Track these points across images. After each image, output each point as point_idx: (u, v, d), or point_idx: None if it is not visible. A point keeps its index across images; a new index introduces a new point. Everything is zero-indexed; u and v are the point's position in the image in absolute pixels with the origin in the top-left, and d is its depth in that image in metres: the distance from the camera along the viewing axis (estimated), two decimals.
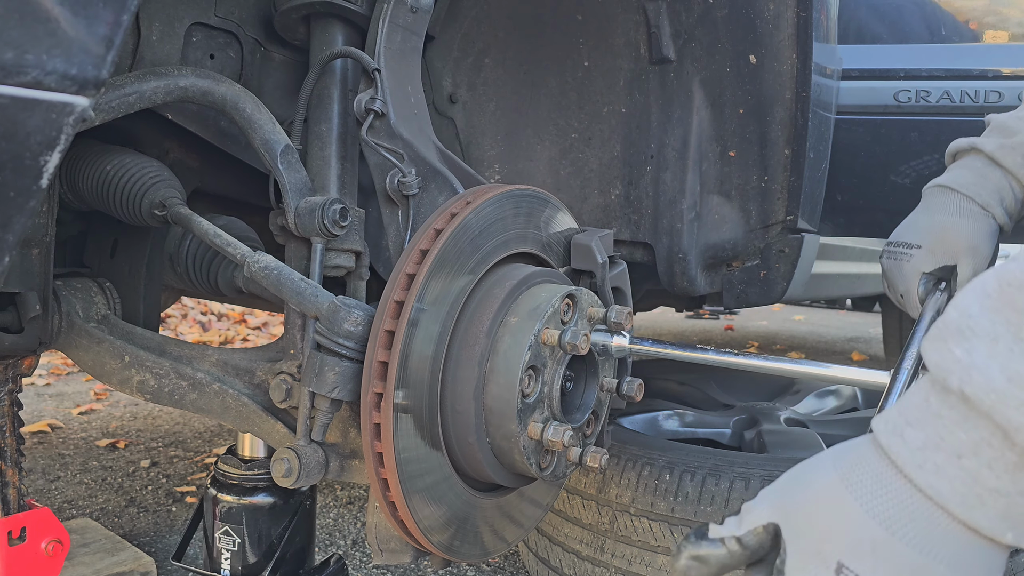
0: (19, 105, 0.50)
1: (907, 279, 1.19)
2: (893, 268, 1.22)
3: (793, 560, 0.60)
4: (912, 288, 1.18)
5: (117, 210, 1.09)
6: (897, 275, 1.21)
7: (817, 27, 1.33)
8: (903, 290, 1.20)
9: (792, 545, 0.60)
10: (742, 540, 0.64)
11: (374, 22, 1.08)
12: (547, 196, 1.10)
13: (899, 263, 1.21)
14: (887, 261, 1.24)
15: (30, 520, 1.10)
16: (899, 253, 1.21)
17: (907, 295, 1.19)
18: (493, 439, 0.96)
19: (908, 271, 1.19)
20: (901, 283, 1.20)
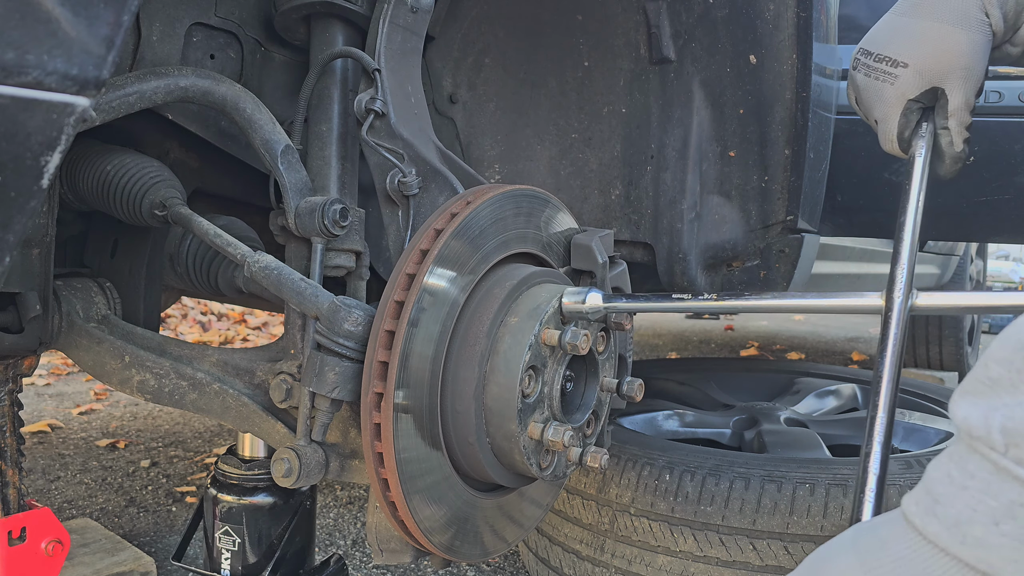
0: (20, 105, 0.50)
1: (888, 104, 1.01)
2: (871, 88, 1.03)
3: None
4: (893, 116, 1.01)
5: (117, 210, 1.09)
6: (875, 98, 1.03)
7: (817, 27, 1.33)
8: (879, 115, 1.03)
9: None
10: None
11: (374, 22, 1.08)
12: (547, 196, 1.10)
13: (880, 84, 1.02)
14: (863, 77, 1.05)
15: (30, 520, 1.10)
16: (880, 71, 1.02)
17: (884, 122, 1.03)
18: (493, 439, 0.96)
19: (890, 96, 1.01)
20: (879, 107, 1.03)
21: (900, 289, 0.92)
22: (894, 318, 0.91)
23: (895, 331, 0.91)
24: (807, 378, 2.37)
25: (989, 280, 9.29)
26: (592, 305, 0.98)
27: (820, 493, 1.30)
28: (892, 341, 0.91)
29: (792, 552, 1.28)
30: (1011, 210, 1.82)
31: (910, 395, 2.15)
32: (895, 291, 0.92)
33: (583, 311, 0.99)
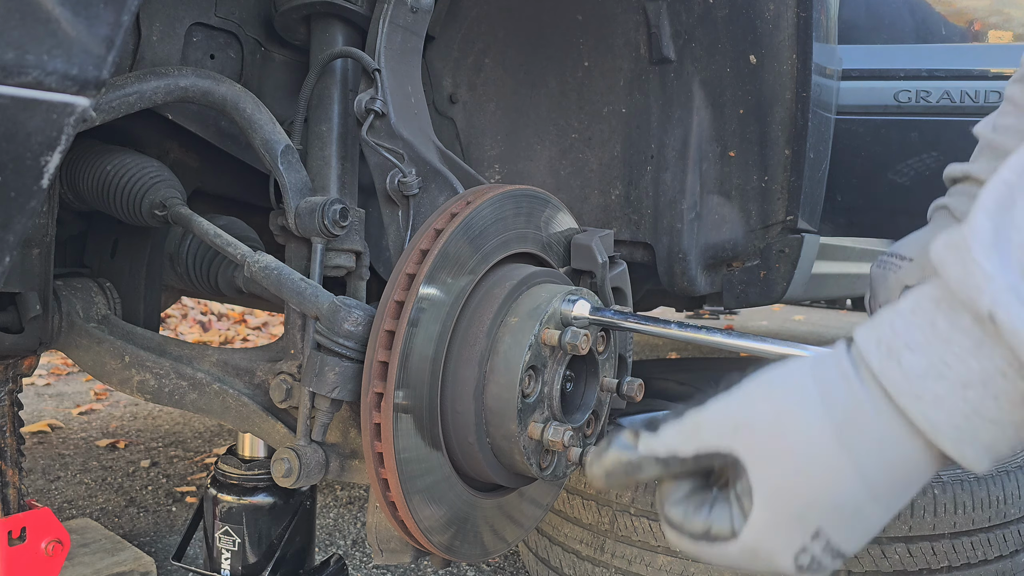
0: (20, 105, 0.50)
1: (890, 289, 1.14)
2: (879, 277, 1.18)
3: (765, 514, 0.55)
4: (893, 300, 1.12)
5: (117, 210, 1.09)
6: (881, 284, 1.17)
7: (817, 27, 1.33)
8: (883, 300, 1.16)
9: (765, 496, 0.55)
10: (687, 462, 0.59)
11: (374, 22, 1.08)
12: (547, 196, 1.10)
13: (886, 272, 1.17)
14: (876, 270, 1.20)
15: (30, 520, 1.10)
16: (889, 263, 1.17)
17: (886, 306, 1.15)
18: (493, 439, 0.96)
19: (893, 281, 1.14)
20: (883, 293, 1.16)
21: None
22: None
23: None
24: None
25: None
26: (578, 314, 0.99)
27: None
28: None
29: None
30: None
31: None
32: None
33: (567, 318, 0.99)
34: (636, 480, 0.61)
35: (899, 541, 1.29)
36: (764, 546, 0.56)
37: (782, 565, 0.56)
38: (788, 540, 0.55)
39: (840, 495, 0.54)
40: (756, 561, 0.56)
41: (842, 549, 0.56)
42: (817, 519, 0.54)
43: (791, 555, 0.55)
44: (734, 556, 0.57)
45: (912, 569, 1.29)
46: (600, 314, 0.99)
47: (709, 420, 0.59)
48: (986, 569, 1.35)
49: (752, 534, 0.56)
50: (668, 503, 0.60)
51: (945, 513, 1.31)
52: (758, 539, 0.56)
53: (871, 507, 0.54)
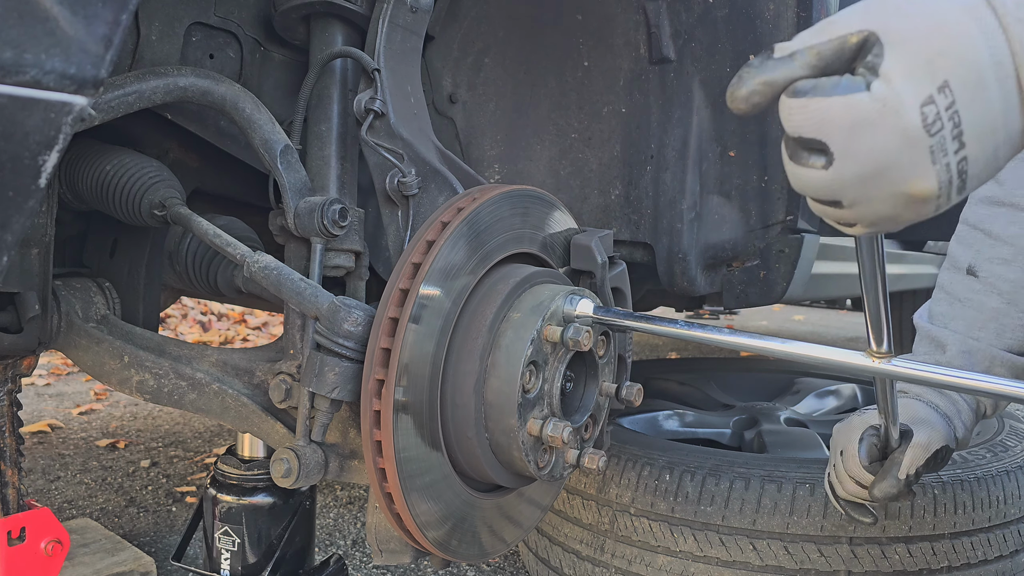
0: (18, 104, 0.50)
1: (852, 430, 1.10)
2: (841, 427, 1.15)
3: (896, 61, 0.56)
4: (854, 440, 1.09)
5: (117, 210, 1.09)
6: (843, 430, 1.13)
7: None
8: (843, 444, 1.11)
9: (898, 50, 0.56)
10: (820, 51, 0.58)
11: (374, 22, 1.08)
12: (547, 196, 1.10)
13: (849, 417, 1.14)
14: (838, 424, 1.17)
15: (30, 520, 1.10)
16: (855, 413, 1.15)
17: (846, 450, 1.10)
18: (492, 434, 0.96)
19: (856, 423, 1.11)
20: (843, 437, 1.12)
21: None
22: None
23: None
24: (807, 378, 2.37)
25: None
26: (582, 312, 0.99)
27: (820, 493, 1.30)
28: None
29: (792, 552, 1.28)
30: None
31: None
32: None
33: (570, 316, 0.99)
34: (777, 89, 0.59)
35: (899, 541, 1.29)
36: (895, 90, 0.55)
37: (909, 112, 0.55)
38: (918, 85, 0.55)
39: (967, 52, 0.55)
40: (885, 114, 0.56)
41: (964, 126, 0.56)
42: (945, 69, 0.55)
43: (918, 102, 0.55)
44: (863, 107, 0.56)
45: (912, 569, 1.29)
46: (603, 313, 0.99)
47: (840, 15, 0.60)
48: (986, 569, 1.35)
49: (884, 82, 0.56)
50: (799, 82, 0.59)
51: (945, 513, 1.31)
52: (888, 87, 0.55)
53: (993, 86, 0.56)
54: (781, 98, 0.59)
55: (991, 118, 0.57)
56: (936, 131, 0.55)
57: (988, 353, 1.12)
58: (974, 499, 1.34)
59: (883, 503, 1.09)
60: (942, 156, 0.56)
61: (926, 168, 0.56)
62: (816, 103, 0.57)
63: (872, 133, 0.56)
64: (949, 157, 0.56)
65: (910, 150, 0.56)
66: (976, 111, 0.56)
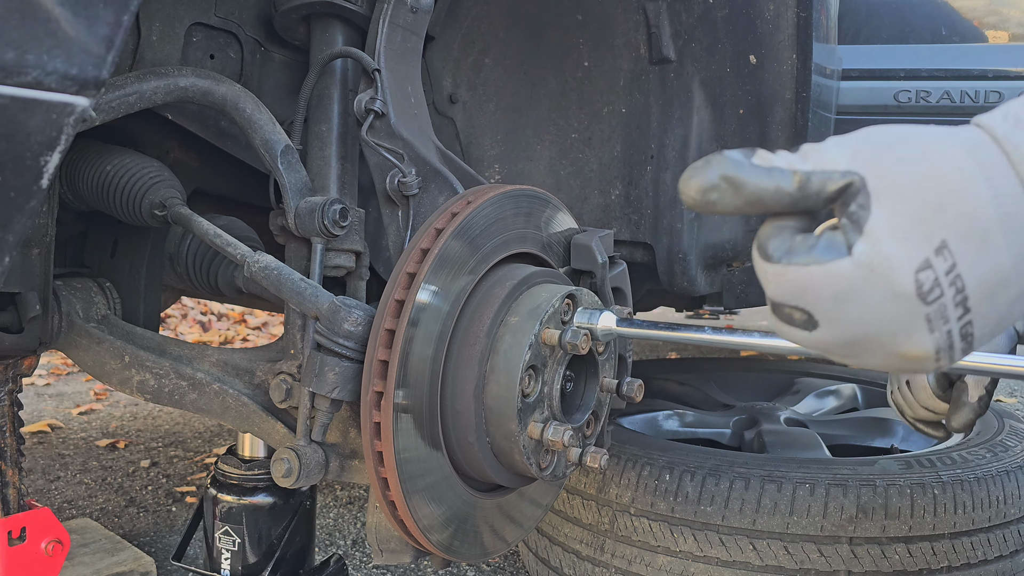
0: (19, 105, 0.50)
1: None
2: None
3: (886, 220, 0.49)
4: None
5: (117, 210, 1.09)
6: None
7: (817, 27, 1.33)
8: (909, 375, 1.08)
9: (886, 204, 0.49)
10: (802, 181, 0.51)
11: (374, 22, 1.08)
12: (547, 196, 1.10)
13: None
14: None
15: (30, 520, 1.10)
16: None
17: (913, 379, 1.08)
18: (493, 439, 0.96)
19: None
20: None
21: None
22: None
23: None
24: (807, 378, 2.37)
25: None
26: (605, 328, 0.98)
27: (820, 493, 1.30)
28: None
29: (792, 552, 1.28)
30: None
31: None
32: None
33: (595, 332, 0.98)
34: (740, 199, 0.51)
35: (899, 541, 1.29)
36: (883, 256, 0.48)
37: (901, 279, 0.48)
38: (910, 248, 0.48)
39: (968, 204, 0.49)
40: (873, 281, 0.49)
41: (968, 289, 0.49)
42: (943, 228, 0.49)
43: (912, 268, 0.48)
44: (847, 276, 0.49)
45: (912, 569, 1.29)
46: (626, 325, 0.97)
47: (828, 144, 0.53)
48: (986, 569, 1.35)
49: (869, 243, 0.49)
50: (769, 239, 0.52)
51: (945, 513, 1.31)
52: (876, 248, 0.49)
53: (999, 239, 0.49)
54: (755, 257, 0.53)
55: (1001, 276, 0.50)
56: (934, 298, 0.49)
57: None
58: (974, 499, 1.34)
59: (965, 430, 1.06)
60: (942, 324, 0.50)
61: (922, 336, 0.50)
62: (793, 272, 0.51)
63: (859, 302, 0.50)
64: (951, 324, 0.50)
65: (904, 318, 0.50)
66: (982, 270, 0.49)
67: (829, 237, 0.50)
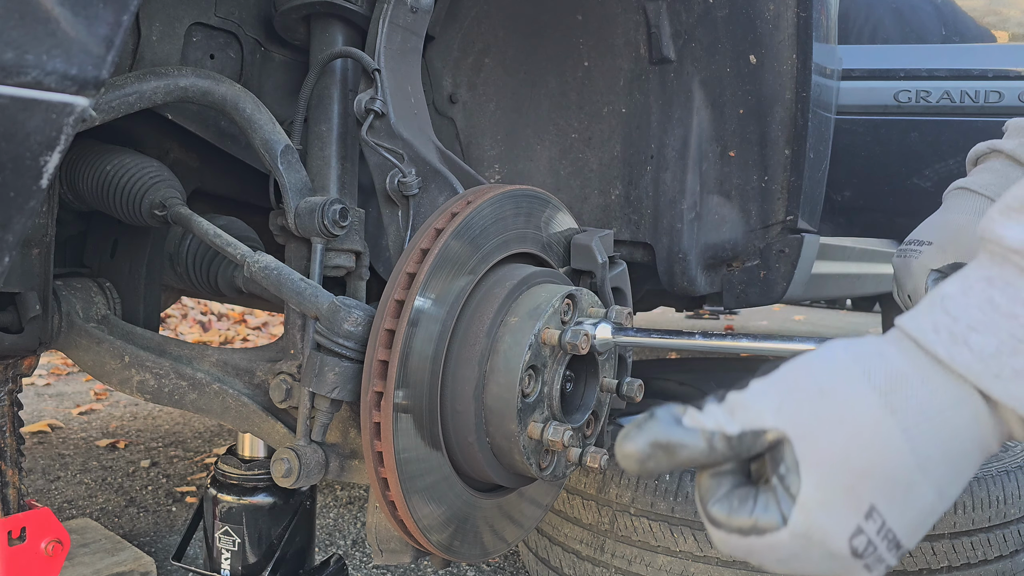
0: (19, 105, 0.50)
1: (915, 276, 1.13)
2: (901, 266, 1.17)
3: (814, 491, 0.52)
4: (920, 287, 1.12)
5: (117, 210, 1.09)
6: (905, 272, 1.16)
7: (817, 27, 1.33)
8: (911, 289, 1.15)
9: (813, 473, 0.52)
10: (732, 440, 0.54)
11: (374, 22, 1.08)
12: (547, 196, 1.10)
13: (907, 260, 1.16)
14: (897, 260, 1.19)
15: (30, 520, 1.10)
16: (909, 251, 1.16)
17: (915, 294, 1.14)
18: (493, 439, 0.96)
19: (916, 268, 1.14)
20: (908, 281, 1.15)
21: None
22: None
23: None
24: None
25: None
26: (602, 338, 0.98)
27: None
28: None
29: None
30: None
31: None
32: None
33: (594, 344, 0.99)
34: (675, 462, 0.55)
35: None
36: (816, 527, 0.52)
37: (837, 548, 0.52)
38: (842, 519, 0.52)
39: (890, 464, 0.52)
40: (810, 547, 0.53)
41: (899, 536, 0.53)
42: (869, 493, 0.52)
43: (846, 536, 0.52)
44: (786, 546, 0.53)
45: (912, 569, 1.29)
46: (623, 334, 0.98)
47: (752, 399, 0.56)
48: (986, 569, 1.35)
49: (803, 515, 0.52)
50: (710, 502, 0.57)
51: (945, 513, 1.31)
52: (809, 520, 0.52)
53: (923, 483, 0.52)
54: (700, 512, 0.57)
55: (928, 509, 0.53)
56: (869, 553, 0.53)
57: None
58: (974, 499, 1.34)
59: None
60: (879, 564, 0.53)
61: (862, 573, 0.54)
62: (736, 542, 0.55)
63: (801, 562, 0.54)
64: (887, 560, 0.54)
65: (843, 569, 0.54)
66: (911, 516, 0.53)
67: (764, 501, 0.54)
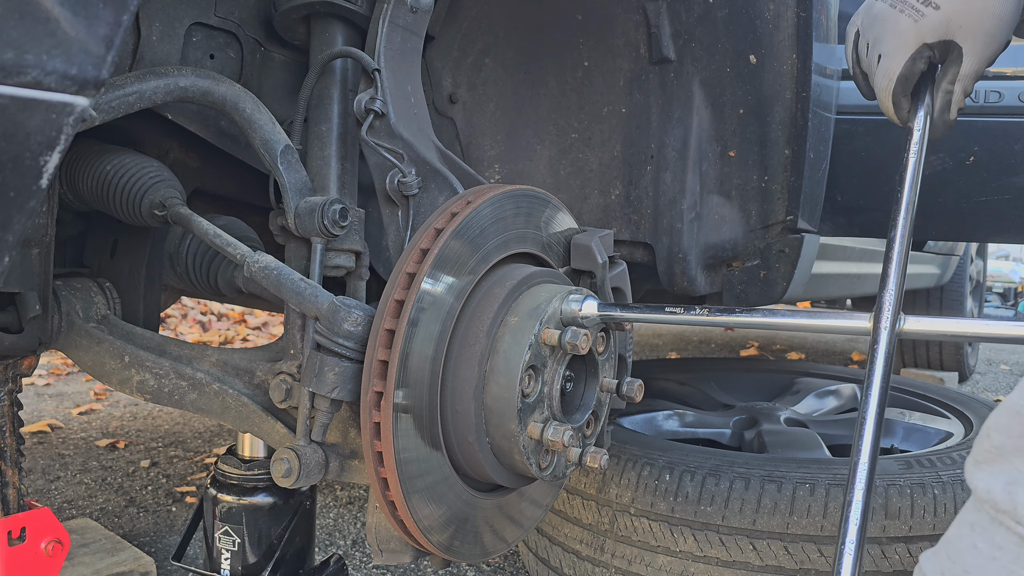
0: (19, 105, 0.50)
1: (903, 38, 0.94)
2: (889, 19, 0.96)
3: None
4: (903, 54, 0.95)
5: (117, 210, 1.09)
6: (891, 30, 0.96)
7: (817, 27, 1.33)
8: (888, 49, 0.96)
9: None
10: None
11: (374, 22, 1.08)
12: (547, 196, 1.10)
13: (901, 16, 0.95)
14: (884, 6, 0.98)
15: (30, 520, 1.10)
16: (909, 5, 0.94)
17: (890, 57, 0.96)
18: (493, 439, 0.96)
19: (909, 31, 0.94)
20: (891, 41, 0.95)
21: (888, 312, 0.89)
22: (882, 343, 0.87)
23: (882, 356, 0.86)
24: (807, 378, 2.37)
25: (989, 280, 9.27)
26: (588, 312, 1.00)
27: (820, 493, 1.30)
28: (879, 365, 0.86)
29: (792, 552, 1.28)
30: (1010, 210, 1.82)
31: (910, 395, 2.15)
32: (883, 313, 0.89)
33: (578, 317, 1.00)
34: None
35: (899, 541, 1.29)
36: None
37: None
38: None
39: None
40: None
41: None
42: None
43: None
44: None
45: (912, 569, 1.29)
46: (607, 310, 1.00)
47: None
48: None
49: None
50: None
51: (945, 513, 1.31)
52: None
53: None
54: None
55: None
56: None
57: None
58: None
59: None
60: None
61: None
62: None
63: None
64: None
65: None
66: None
67: None
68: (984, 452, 0.58)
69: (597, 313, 1.00)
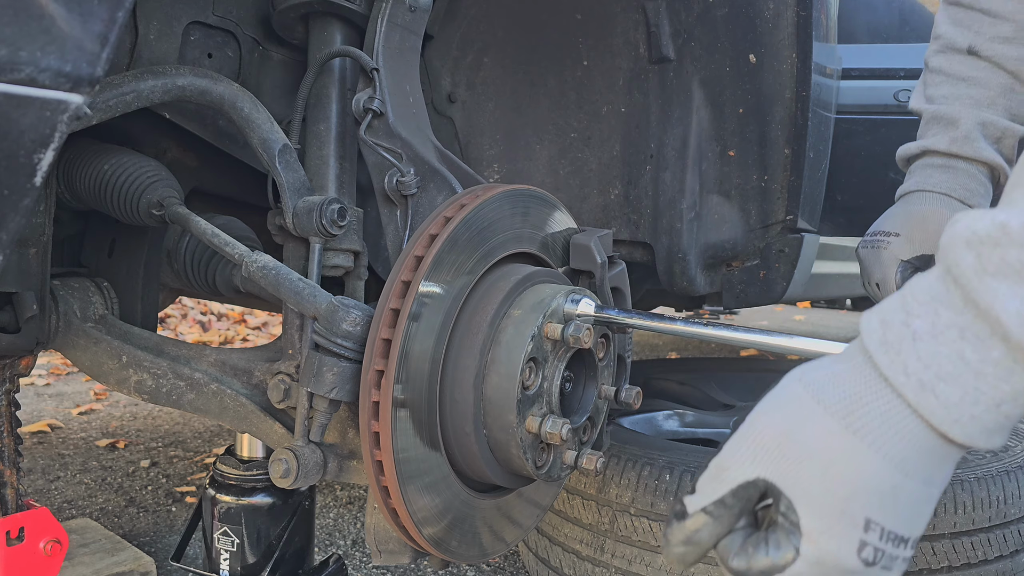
0: (13, 102, 0.50)
1: (884, 266, 1.17)
2: (870, 256, 1.20)
3: (813, 522, 0.56)
4: (889, 276, 1.16)
5: (115, 209, 1.09)
6: (874, 263, 1.19)
7: (817, 26, 1.33)
8: (879, 278, 1.18)
9: (805, 505, 0.57)
10: (728, 501, 0.61)
11: (373, 21, 1.07)
12: (546, 196, 1.10)
13: (876, 251, 1.19)
14: (864, 250, 1.22)
15: (28, 520, 1.09)
16: (876, 241, 1.19)
17: (883, 283, 1.18)
18: (491, 431, 0.95)
19: (885, 258, 1.17)
20: (877, 270, 1.18)
21: None
22: None
23: None
24: None
25: None
26: (583, 311, 1.00)
27: None
28: None
29: None
30: None
31: None
32: None
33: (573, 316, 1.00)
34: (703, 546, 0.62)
35: None
36: (825, 552, 0.56)
37: (850, 564, 0.56)
38: (844, 540, 0.56)
39: (869, 478, 0.55)
40: (826, 570, 0.57)
41: (901, 532, 0.56)
42: (861, 510, 0.55)
43: (853, 553, 0.56)
44: (806, 574, 0.57)
45: (912, 569, 1.29)
46: (604, 312, 1.00)
47: (728, 458, 0.62)
48: (986, 569, 1.35)
49: (810, 546, 0.57)
50: (729, 558, 0.61)
51: (945, 513, 1.30)
52: (817, 548, 0.56)
53: (907, 483, 0.55)
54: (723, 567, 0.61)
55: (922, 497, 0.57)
56: (879, 559, 0.56)
57: (1000, 125, 1.14)
58: (974, 499, 1.34)
59: None
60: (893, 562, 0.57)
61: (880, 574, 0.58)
62: None
63: None
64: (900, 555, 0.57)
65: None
66: (906, 512, 0.56)
67: (775, 540, 0.59)
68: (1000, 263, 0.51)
69: (592, 314, 1.00)
